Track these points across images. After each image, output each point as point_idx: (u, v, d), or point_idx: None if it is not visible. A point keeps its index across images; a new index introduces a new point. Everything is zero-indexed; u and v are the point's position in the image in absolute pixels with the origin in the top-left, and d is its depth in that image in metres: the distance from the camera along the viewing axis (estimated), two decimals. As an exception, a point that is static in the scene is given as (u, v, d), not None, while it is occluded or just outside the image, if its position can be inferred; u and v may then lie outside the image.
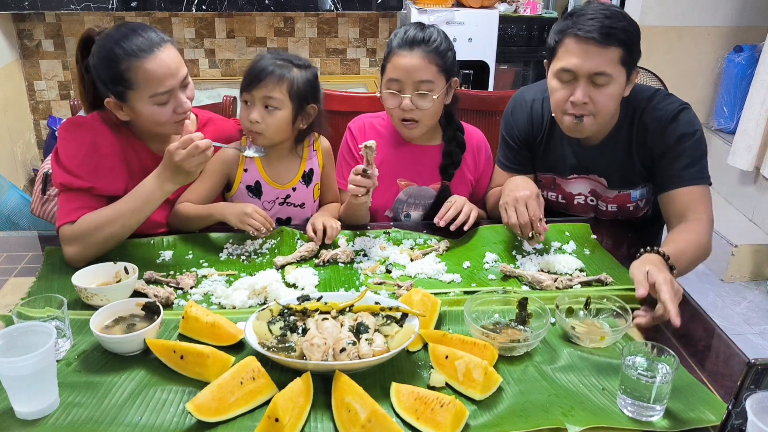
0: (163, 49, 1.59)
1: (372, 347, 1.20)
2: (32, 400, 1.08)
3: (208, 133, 1.82)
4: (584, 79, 1.63)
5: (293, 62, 1.75)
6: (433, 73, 1.77)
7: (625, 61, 1.62)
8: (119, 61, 1.56)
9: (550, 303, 1.37)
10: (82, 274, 1.43)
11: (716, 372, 1.27)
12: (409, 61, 1.76)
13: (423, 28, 1.80)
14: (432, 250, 1.68)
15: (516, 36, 4.53)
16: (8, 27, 3.59)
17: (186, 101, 1.64)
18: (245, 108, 1.76)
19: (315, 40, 3.98)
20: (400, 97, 1.78)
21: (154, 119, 1.63)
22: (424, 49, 1.76)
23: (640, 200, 1.86)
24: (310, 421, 1.10)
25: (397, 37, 1.80)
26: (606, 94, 1.64)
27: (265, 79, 1.70)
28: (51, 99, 3.88)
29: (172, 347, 1.22)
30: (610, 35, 1.59)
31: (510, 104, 1.95)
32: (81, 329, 1.32)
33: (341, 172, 1.97)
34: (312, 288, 1.49)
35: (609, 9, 1.63)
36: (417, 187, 1.93)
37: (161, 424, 1.09)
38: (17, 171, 3.58)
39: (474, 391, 1.14)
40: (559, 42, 1.66)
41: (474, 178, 1.99)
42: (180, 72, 1.62)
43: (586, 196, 1.89)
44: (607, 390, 1.18)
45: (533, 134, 1.88)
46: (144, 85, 1.57)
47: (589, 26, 1.60)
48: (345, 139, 1.98)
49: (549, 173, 1.91)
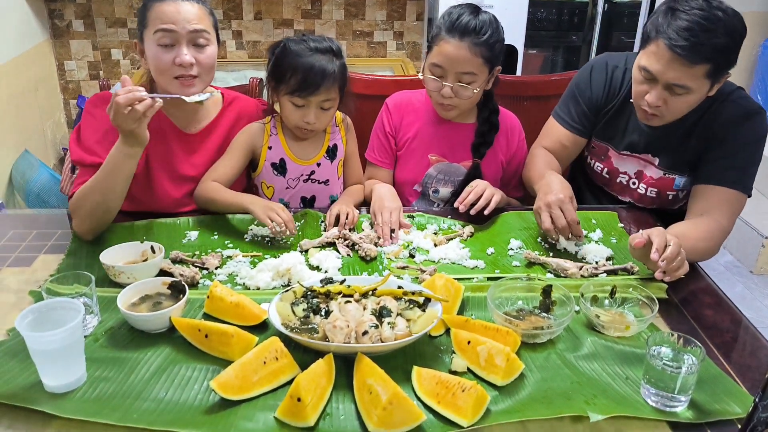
0: (185, 1, 1.62)
1: (394, 331, 1.20)
2: (60, 374, 1.11)
3: (232, 112, 1.84)
4: (662, 85, 1.58)
5: (333, 50, 1.71)
6: (477, 65, 1.74)
7: (713, 73, 1.54)
8: (147, 2, 1.63)
9: (574, 291, 1.36)
10: (110, 253, 1.45)
11: (743, 364, 1.25)
12: (455, 51, 1.72)
13: (477, 13, 1.75)
14: (456, 236, 1.68)
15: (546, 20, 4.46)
16: (39, 7, 3.63)
17: (187, 57, 1.61)
18: (296, 109, 1.72)
19: (342, 23, 3.96)
20: (441, 84, 1.77)
21: (156, 63, 1.63)
22: (473, 40, 1.71)
23: (681, 191, 1.82)
24: (332, 402, 1.10)
25: (449, 19, 1.74)
26: (681, 101, 1.59)
27: (324, 83, 1.67)
28: (81, 79, 3.92)
29: (197, 326, 1.23)
30: (699, 53, 1.49)
31: (590, 64, 1.89)
32: (108, 306, 1.34)
33: (373, 146, 1.99)
34: (335, 271, 1.50)
35: (711, 14, 1.50)
36: (447, 164, 1.93)
37: (185, 400, 1.10)
38: (47, 150, 3.63)
39: (496, 376, 1.14)
40: (650, 38, 1.58)
41: (505, 159, 1.97)
42: (190, 23, 1.61)
43: (630, 176, 1.86)
44: (630, 379, 1.17)
45: (606, 101, 1.83)
46: (152, 21, 1.61)
47: (680, 37, 1.49)
48: (381, 114, 1.98)
49: (605, 142, 1.88)
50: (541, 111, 2.11)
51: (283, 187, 1.85)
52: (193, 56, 1.62)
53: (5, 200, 3.13)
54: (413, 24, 3.99)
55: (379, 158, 1.97)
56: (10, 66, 3.25)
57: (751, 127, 1.66)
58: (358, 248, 1.59)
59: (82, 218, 1.59)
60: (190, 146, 1.78)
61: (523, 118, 2.03)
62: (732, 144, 1.66)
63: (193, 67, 1.63)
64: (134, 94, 1.42)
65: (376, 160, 1.98)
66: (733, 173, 1.65)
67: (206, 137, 1.80)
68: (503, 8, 3.83)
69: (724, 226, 1.63)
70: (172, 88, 1.65)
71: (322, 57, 1.68)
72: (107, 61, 3.89)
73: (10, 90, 3.22)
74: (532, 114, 2.19)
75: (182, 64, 1.61)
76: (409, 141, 1.93)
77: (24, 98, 3.41)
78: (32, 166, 3.22)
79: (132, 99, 1.41)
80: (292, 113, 1.74)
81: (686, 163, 1.77)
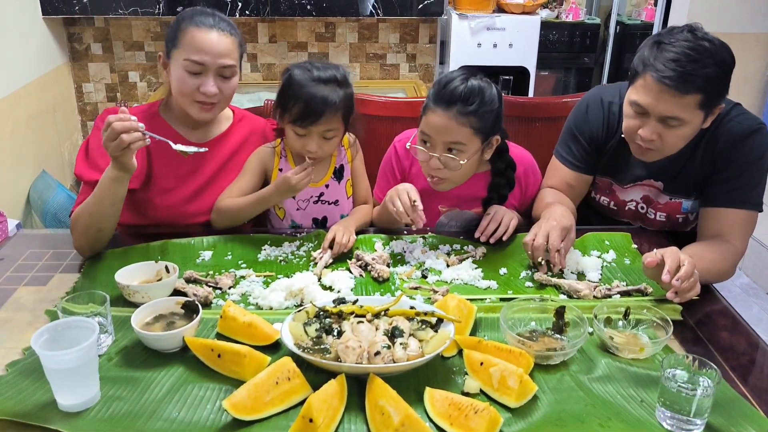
0: (220, 33, 1.66)
1: (407, 351, 1.20)
2: (74, 393, 1.11)
3: (243, 128, 1.87)
4: (655, 118, 1.57)
5: (338, 80, 1.71)
6: (465, 135, 1.65)
7: (705, 104, 1.52)
8: (182, 21, 1.67)
9: (587, 312, 1.35)
10: (125, 272, 1.46)
11: (760, 387, 1.23)
12: (440, 120, 1.64)
13: (465, 79, 1.65)
14: (468, 256, 1.68)
15: (557, 42, 4.49)
16: (59, 31, 3.70)
17: (212, 87, 1.66)
18: (298, 138, 1.72)
19: (355, 45, 4.00)
20: (429, 155, 1.70)
21: (180, 85, 1.68)
22: (459, 110, 1.63)
23: (690, 213, 1.81)
24: (344, 422, 1.10)
25: (437, 87, 1.68)
26: (676, 134, 1.58)
27: (324, 114, 1.67)
28: (98, 101, 3.98)
29: (210, 345, 1.24)
30: (689, 82, 1.48)
31: (585, 100, 1.86)
32: (122, 325, 1.34)
33: (381, 186, 1.95)
34: (348, 291, 1.50)
35: (697, 45, 1.49)
36: (459, 211, 1.89)
37: (198, 420, 1.10)
38: (64, 170, 3.68)
39: (509, 398, 1.13)
40: (638, 73, 1.57)
41: (519, 205, 1.91)
42: (222, 57, 1.66)
43: (637, 202, 1.85)
44: (645, 402, 1.16)
45: (606, 137, 1.81)
46: (183, 46, 1.65)
47: (667, 68, 1.49)
48: (389, 155, 1.93)
49: (608, 178, 1.87)
50: (552, 132, 2.10)
51: (293, 209, 1.86)
52: (217, 86, 1.67)
53: (23, 220, 3.17)
54: (426, 46, 4.02)
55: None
56: (30, 88, 3.31)
57: (754, 144, 1.65)
58: (371, 269, 1.60)
59: (77, 236, 1.63)
60: (198, 159, 1.79)
61: (535, 139, 2.03)
62: (737, 165, 1.65)
63: (215, 96, 1.68)
64: (129, 123, 1.43)
65: (381, 199, 1.89)
66: (742, 193, 1.65)
67: (214, 151, 1.82)
68: (515, 31, 3.87)
69: (738, 247, 1.62)
70: (191, 110, 1.71)
71: (325, 87, 1.68)
72: (124, 83, 3.95)
73: (29, 111, 3.28)
74: (544, 135, 2.19)
75: (206, 94, 1.67)
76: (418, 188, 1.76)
77: (42, 120, 3.46)
78: (50, 187, 3.26)
79: (125, 128, 1.43)
80: (294, 141, 1.74)
81: (693, 187, 1.76)
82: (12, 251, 1.69)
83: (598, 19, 4.64)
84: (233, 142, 1.86)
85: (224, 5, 3.57)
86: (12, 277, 1.57)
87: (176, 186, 1.79)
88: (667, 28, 1.58)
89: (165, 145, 1.59)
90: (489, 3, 3.88)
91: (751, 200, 1.65)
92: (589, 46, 4.58)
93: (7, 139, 3.06)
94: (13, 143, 3.12)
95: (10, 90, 3.11)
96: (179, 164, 1.78)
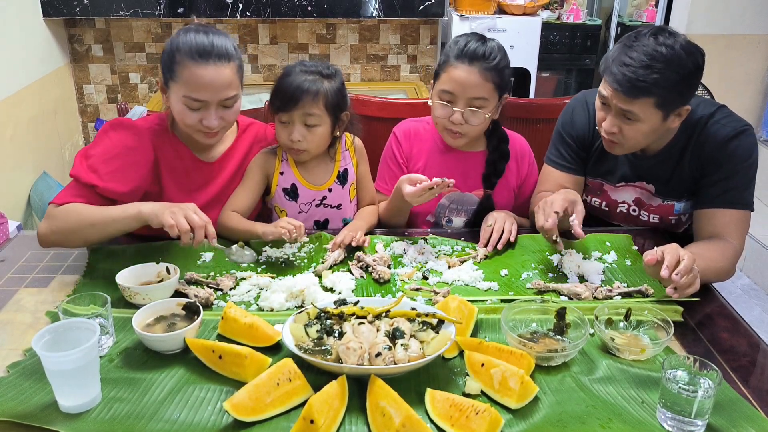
0: (219, 65, 1.60)
1: (407, 353, 1.20)
2: (75, 394, 1.11)
3: (247, 138, 1.88)
4: (614, 111, 1.61)
5: (322, 73, 1.74)
6: (488, 90, 1.75)
7: (662, 104, 1.56)
8: (177, 52, 1.60)
9: (589, 313, 1.35)
10: (126, 274, 1.47)
11: (761, 388, 1.23)
12: (466, 75, 1.73)
13: (484, 41, 1.76)
14: (470, 258, 1.68)
15: (558, 43, 4.49)
16: (60, 32, 3.71)
17: (215, 120, 1.63)
18: (283, 127, 1.75)
19: (356, 47, 4.01)
20: (451, 110, 1.77)
21: (181, 118, 1.66)
22: (483, 65, 1.73)
23: (683, 214, 1.82)
24: (345, 423, 1.10)
25: (456, 47, 1.76)
26: (635, 129, 1.61)
27: (302, 98, 1.70)
28: (99, 102, 3.98)
29: (211, 347, 1.24)
30: (636, 88, 1.52)
31: (571, 104, 1.91)
32: (123, 327, 1.35)
33: (383, 176, 1.98)
34: (349, 292, 1.50)
35: (653, 50, 1.52)
36: (459, 194, 1.92)
37: (199, 421, 1.10)
38: (65, 172, 3.68)
39: (510, 399, 1.13)
40: (604, 70, 1.62)
41: (517, 184, 1.97)
42: (222, 92, 1.62)
43: (629, 205, 1.86)
44: (646, 403, 1.16)
45: (593, 137, 1.84)
46: (182, 82, 1.61)
47: (618, 74, 1.54)
48: (390, 143, 1.98)
49: (598, 179, 1.88)
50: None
51: (295, 212, 1.87)
52: (220, 116, 1.65)
53: (23, 221, 3.18)
54: (426, 48, 4.03)
55: (390, 189, 1.92)
56: (31, 89, 3.32)
57: (741, 146, 1.66)
58: (372, 270, 1.60)
59: (53, 229, 1.59)
60: (208, 174, 1.81)
61: (536, 140, 2.03)
62: (727, 166, 1.66)
63: (218, 126, 1.66)
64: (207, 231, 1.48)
65: (387, 191, 1.94)
66: (734, 194, 1.66)
67: (223, 164, 1.83)
68: (516, 32, 3.87)
69: (736, 246, 1.64)
70: (196, 137, 1.69)
71: (307, 76, 1.72)
72: (125, 84, 3.95)
73: (30, 113, 3.28)
74: (545, 136, 2.19)
75: (209, 128, 1.64)
76: (419, 171, 1.88)
77: (43, 121, 3.47)
78: (50, 188, 3.26)
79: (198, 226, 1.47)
80: (281, 133, 1.77)
81: (684, 190, 1.77)
82: (13, 253, 1.70)
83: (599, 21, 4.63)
84: (240, 153, 1.86)
85: (225, 7, 3.58)
86: (13, 279, 1.57)
87: (186, 201, 1.78)
88: (636, 30, 1.61)
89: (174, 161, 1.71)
90: (490, 4, 3.89)
91: (743, 200, 1.67)
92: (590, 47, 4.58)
93: (8, 140, 3.07)
94: (14, 145, 3.12)
95: (11, 91, 3.11)
96: (189, 180, 1.78)
